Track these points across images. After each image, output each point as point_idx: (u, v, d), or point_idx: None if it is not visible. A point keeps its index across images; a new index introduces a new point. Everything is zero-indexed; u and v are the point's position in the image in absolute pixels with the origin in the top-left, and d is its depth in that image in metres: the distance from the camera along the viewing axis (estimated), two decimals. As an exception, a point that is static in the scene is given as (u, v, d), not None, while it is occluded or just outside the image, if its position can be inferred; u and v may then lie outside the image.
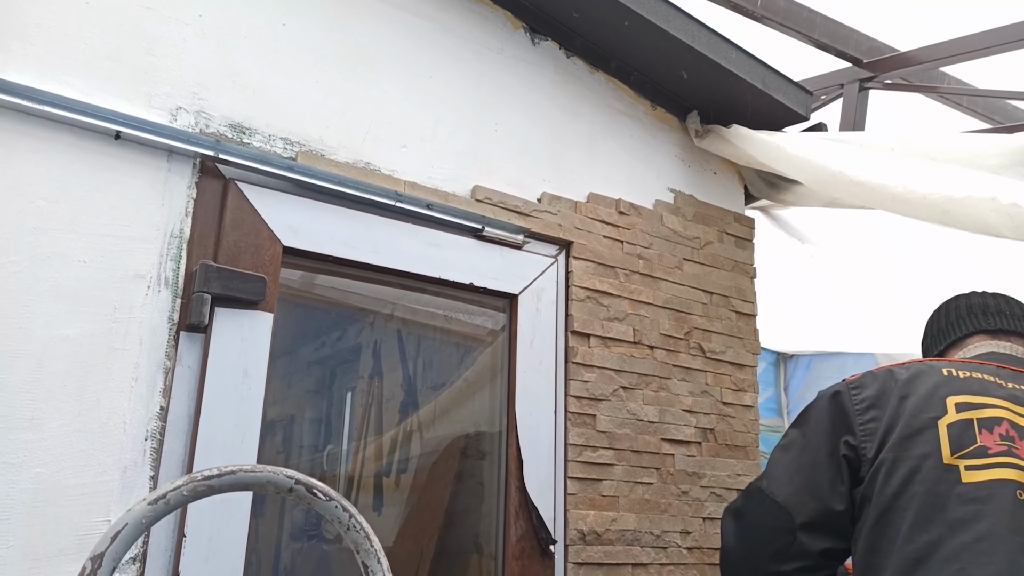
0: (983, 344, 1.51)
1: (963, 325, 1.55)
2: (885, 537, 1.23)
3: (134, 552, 1.37)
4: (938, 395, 1.30)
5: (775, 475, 1.41)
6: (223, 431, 1.48)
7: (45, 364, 1.35)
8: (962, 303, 1.60)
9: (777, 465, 1.43)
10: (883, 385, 1.35)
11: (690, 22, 2.21)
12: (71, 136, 1.45)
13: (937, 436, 1.25)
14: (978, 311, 1.56)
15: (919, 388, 1.32)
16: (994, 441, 1.23)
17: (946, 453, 1.23)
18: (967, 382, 1.32)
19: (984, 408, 1.27)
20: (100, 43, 1.51)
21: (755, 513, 1.42)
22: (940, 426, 1.26)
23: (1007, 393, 1.31)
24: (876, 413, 1.32)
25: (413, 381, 3.13)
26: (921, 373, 1.36)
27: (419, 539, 2.60)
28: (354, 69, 1.85)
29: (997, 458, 1.22)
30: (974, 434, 1.25)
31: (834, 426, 1.36)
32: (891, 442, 1.27)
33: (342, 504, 1.01)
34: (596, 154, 2.26)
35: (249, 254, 1.59)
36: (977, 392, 1.30)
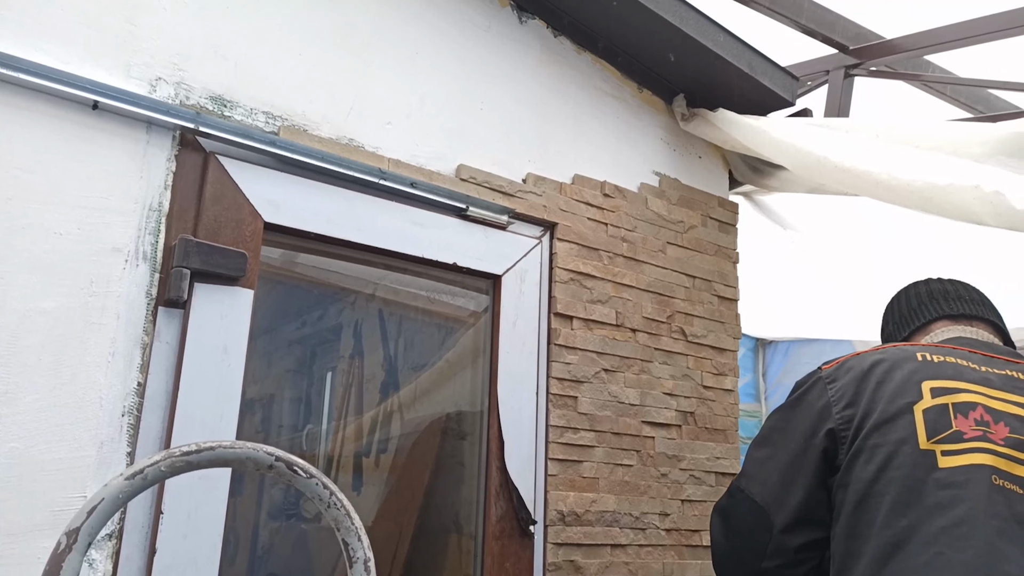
0: (949, 329, 1.52)
1: (925, 311, 1.56)
2: (863, 522, 1.23)
3: (111, 528, 1.36)
4: (913, 380, 1.30)
5: (752, 473, 1.42)
6: (202, 408, 1.46)
7: (20, 337, 1.32)
8: (922, 289, 1.61)
9: (754, 463, 1.42)
10: (859, 373, 1.35)
11: (678, 4, 2.19)
12: (47, 105, 1.41)
13: (913, 421, 1.26)
14: (939, 297, 1.56)
15: (895, 374, 1.32)
16: (969, 426, 1.24)
17: (922, 438, 1.24)
18: (941, 366, 1.33)
19: (959, 393, 1.28)
20: (79, 10, 1.47)
21: (736, 512, 1.42)
22: (916, 411, 1.26)
23: (980, 377, 1.31)
24: (852, 400, 1.32)
25: (394, 361, 3.12)
26: (896, 359, 1.35)
27: (399, 519, 2.60)
28: (339, 43, 1.82)
29: (973, 443, 1.22)
30: (949, 419, 1.25)
31: (811, 419, 1.35)
32: (867, 428, 1.28)
33: (323, 482, 1.00)
34: (582, 135, 2.25)
35: (230, 229, 1.56)
36: (952, 377, 1.31)
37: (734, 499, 1.44)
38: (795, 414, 1.39)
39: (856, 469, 1.27)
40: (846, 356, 1.41)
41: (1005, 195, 1.68)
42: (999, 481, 1.19)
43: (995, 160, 1.88)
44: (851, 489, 1.27)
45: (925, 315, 1.55)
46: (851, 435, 1.29)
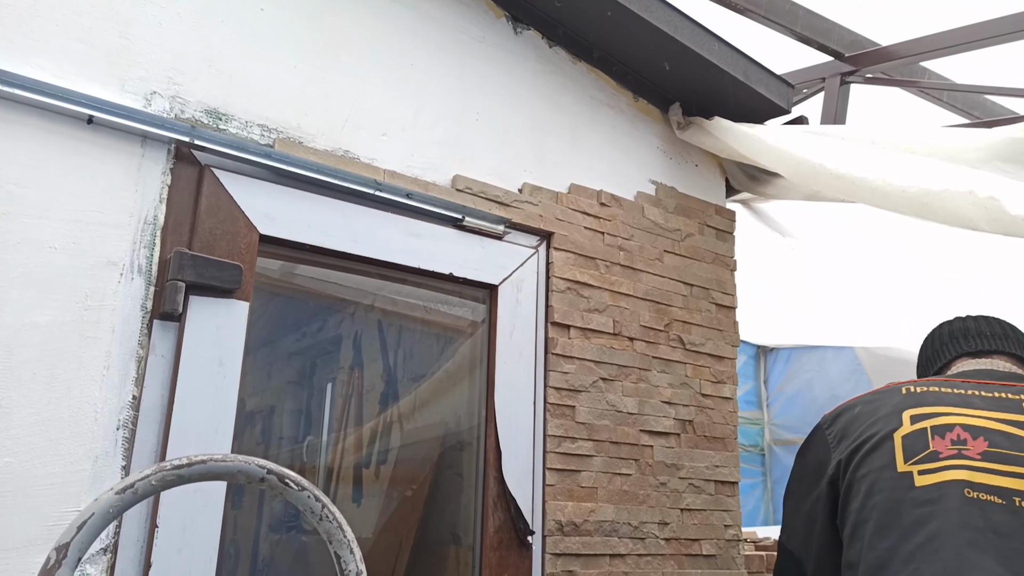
0: (966, 363, 1.58)
1: (947, 351, 1.62)
2: (854, 550, 1.28)
3: (105, 542, 1.35)
4: (895, 411, 1.37)
5: (787, 525, 1.51)
6: (197, 421, 1.46)
7: (15, 352, 1.32)
8: (945, 330, 1.67)
9: (786, 515, 1.52)
10: (851, 415, 1.43)
11: (673, 13, 2.20)
12: (42, 120, 1.42)
13: (893, 448, 1.31)
14: (959, 335, 1.62)
15: (880, 409, 1.39)
16: (945, 445, 1.28)
17: (900, 462, 1.29)
18: (923, 396, 1.39)
19: (937, 416, 1.33)
20: (73, 25, 1.48)
21: (781, 565, 1.52)
22: (895, 438, 1.32)
23: (960, 399, 1.36)
24: (846, 442, 1.39)
25: (393, 372, 3.12)
26: (884, 395, 1.43)
27: (398, 530, 2.59)
28: (334, 56, 1.83)
29: (948, 461, 1.26)
30: (927, 441, 1.30)
31: (816, 467, 1.43)
32: (855, 462, 1.34)
33: (315, 494, 1.00)
34: (578, 145, 2.25)
35: (225, 242, 1.57)
36: (932, 403, 1.36)
37: (780, 553, 1.52)
38: (804, 463, 1.49)
39: (849, 502, 1.33)
40: (845, 401, 1.49)
41: (1000, 200, 1.68)
42: (973, 493, 1.22)
43: (991, 166, 1.88)
44: (847, 522, 1.32)
45: (947, 354, 1.61)
46: (843, 472, 1.36)
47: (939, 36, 3.32)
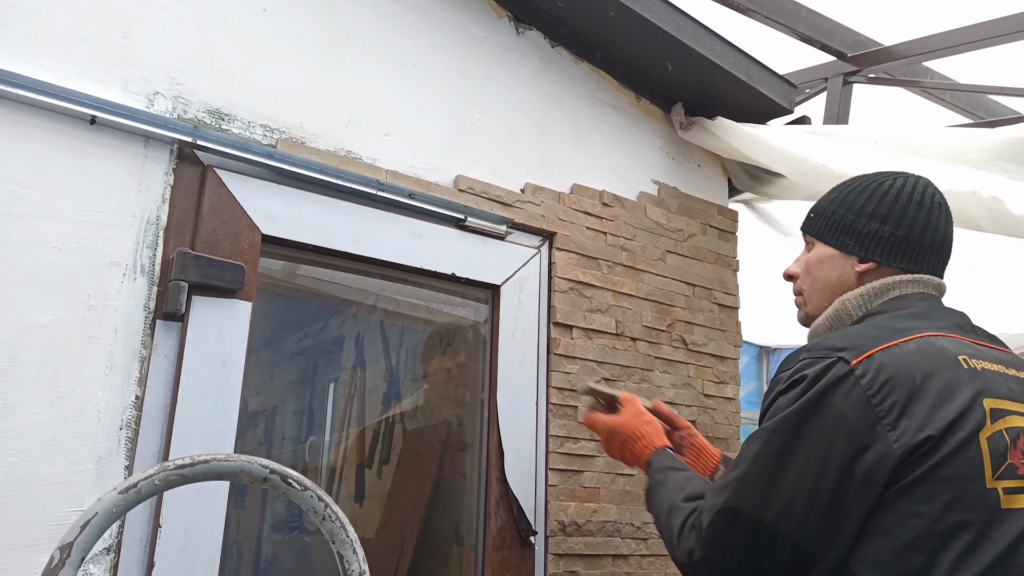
0: (937, 300, 1.33)
1: (930, 258, 1.33)
2: (914, 565, 1.05)
3: (109, 542, 1.35)
4: (975, 398, 1.11)
5: (779, 505, 1.11)
6: (200, 421, 1.46)
7: (18, 352, 1.33)
8: (931, 219, 1.33)
9: (785, 487, 1.11)
10: (911, 379, 1.11)
11: (675, 13, 2.20)
12: (45, 120, 1.42)
13: (980, 453, 1.08)
14: (941, 247, 1.34)
15: (956, 390, 1.12)
16: (1018, 458, 1.10)
17: (988, 475, 1.07)
18: (989, 378, 1.16)
19: (1010, 416, 1.12)
20: (75, 25, 1.48)
21: (755, 549, 1.13)
22: (982, 440, 1.09)
23: (1011, 391, 1.16)
24: (911, 423, 1.08)
25: (395, 372, 3.12)
26: (943, 363, 1.14)
27: (401, 530, 2.59)
28: (336, 55, 1.83)
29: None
30: (1005, 449, 1.10)
31: (851, 435, 1.08)
32: (935, 461, 1.07)
33: (317, 494, 1.00)
34: (580, 145, 2.25)
35: (227, 242, 1.57)
36: (1004, 395, 1.15)
37: (753, 535, 1.12)
38: (825, 423, 1.10)
39: (915, 501, 1.06)
40: (881, 347, 1.14)
41: (1003, 201, 1.68)
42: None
43: (994, 166, 1.88)
44: (907, 523, 1.06)
45: (929, 264, 1.33)
46: (909, 466, 1.07)
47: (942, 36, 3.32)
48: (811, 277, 1.41)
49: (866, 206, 1.34)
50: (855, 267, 1.34)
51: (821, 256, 1.39)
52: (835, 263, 1.37)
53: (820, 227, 1.40)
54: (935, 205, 1.34)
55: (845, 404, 1.09)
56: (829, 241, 1.38)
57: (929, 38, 3.32)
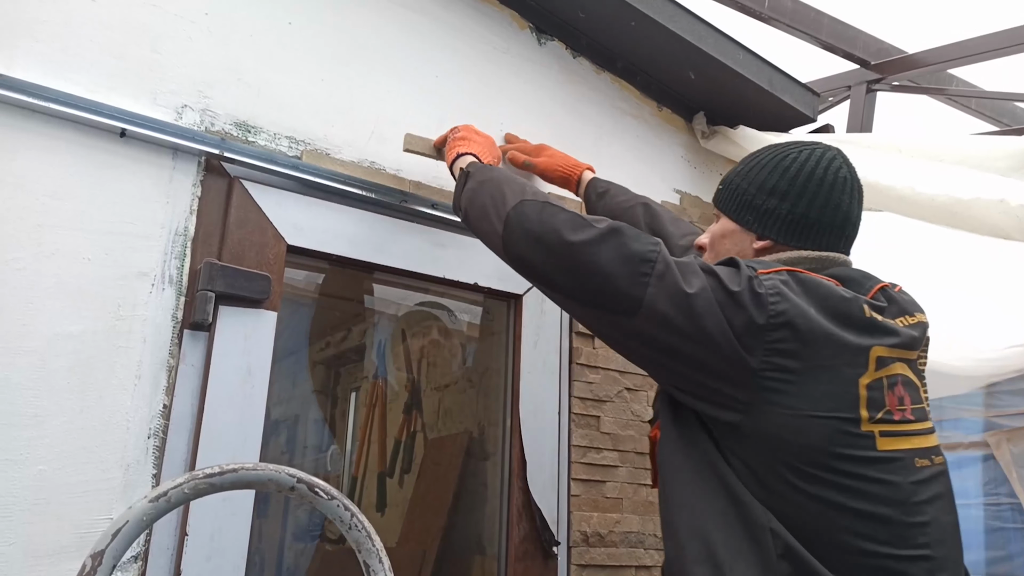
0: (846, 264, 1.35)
1: (835, 232, 1.33)
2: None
3: (136, 550, 1.37)
4: (861, 345, 1.20)
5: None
6: (226, 430, 1.47)
7: (48, 361, 1.35)
8: (844, 195, 1.32)
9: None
10: (807, 315, 1.17)
11: (697, 23, 2.20)
12: (76, 133, 1.44)
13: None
14: (849, 223, 1.34)
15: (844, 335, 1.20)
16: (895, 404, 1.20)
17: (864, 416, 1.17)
18: (886, 328, 1.24)
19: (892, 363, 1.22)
20: (105, 40, 1.51)
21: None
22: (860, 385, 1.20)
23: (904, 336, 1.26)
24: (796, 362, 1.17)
25: (417, 381, 3.13)
26: (846, 302, 1.21)
27: (422, 540, 2.59)
28: (359, 68, 1.85)
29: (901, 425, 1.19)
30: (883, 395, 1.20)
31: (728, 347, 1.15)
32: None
33: (344, 503, 1.00)
34: (601, 155, 2.25)
35: (254, 253, 1.58)
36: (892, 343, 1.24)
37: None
38: (707, 316, 1.19)
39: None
40: (790, 270, 1.24)
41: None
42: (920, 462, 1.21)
43: (1021, 174, 1.85)
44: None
45: (827, 244, 1.34)
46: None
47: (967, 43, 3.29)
48: (714, 251, 1.41)
49: (767, 181, 1.32)
50: (753, 244, 1.33)
51: (724, 230, 1.38)
52: (736, 238, 1.36)
53: (725, 200, 1.39)
54: (839, 181, 1.30)
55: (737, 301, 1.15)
56: (732, 215, 1.37)
57: (954, 45, 3.30)
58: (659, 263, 1.19)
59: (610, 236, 1.23)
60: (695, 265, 1.20)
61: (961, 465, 4.76)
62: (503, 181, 1.45)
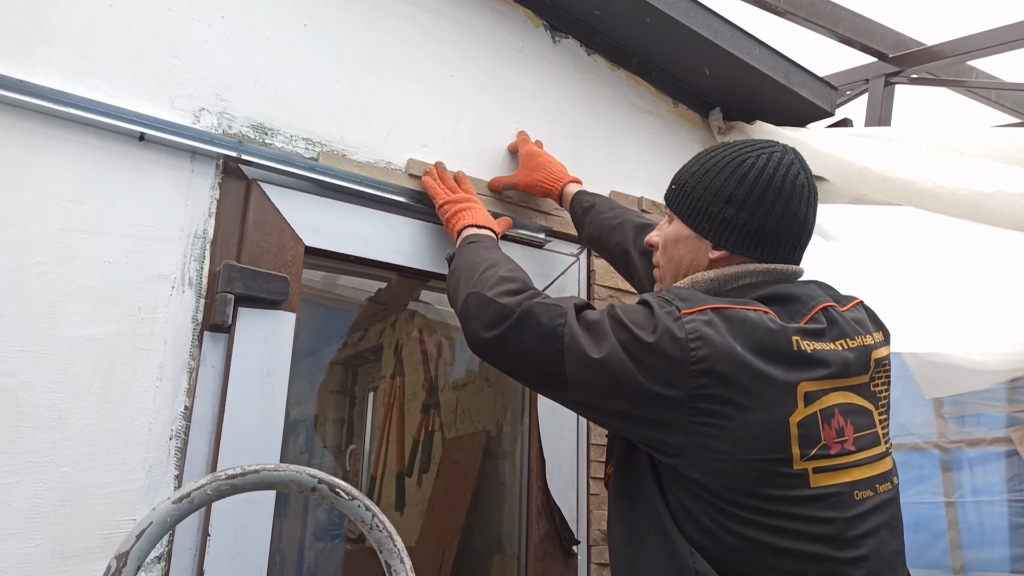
0: (796, 281, 1.35)
1: (787, 243, 1.31)
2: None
3: (159, 551, 1.38)
4: (788, 384, 1.20)
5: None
6: (247, 431, 1.48)
7: (71, 364, 1.36)
8: (798, 204, 1.29)
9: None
10: (732, 354, 1.16)
11: (712, 18, 2.19)
12: (96, 138, 1.46)
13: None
14: (801, 230, 1.32)
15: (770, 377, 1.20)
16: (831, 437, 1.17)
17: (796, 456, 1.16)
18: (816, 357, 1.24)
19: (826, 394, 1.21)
20: (124, 45, 1.52)
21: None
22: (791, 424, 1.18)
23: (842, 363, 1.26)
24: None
25: (435, 381, 3.14)
26: (773, 336, 1.19)
27: (441, 539, 2.60)
28: (375, 69, 1.85)
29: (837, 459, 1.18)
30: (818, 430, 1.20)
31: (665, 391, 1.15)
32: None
33: (365, 503, 1.00)
34: (617, 152, 2.25)
35: (272, 254, 1.59)
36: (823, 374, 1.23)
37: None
38: (655, 364, 1.19)
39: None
40: (709, 305, 1.22)
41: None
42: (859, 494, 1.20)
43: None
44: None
45: (783, 255, 1.33)
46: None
47: (986, 34, 3.25)
48: (667, 255, 1.39)
49: (724, 188, 1.28)
50: (709, 253, 1.31)
51: (678, 235, 1.36)
52: (690, 244, 1.34)
53: (679, 203, 1.36)
54: (796, 188, 1.28)
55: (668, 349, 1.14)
56: (686, 220, 1.34)
57: (973, 37, 3.26)
58: (566, 336, 1.21)
59: (525, 319, 1.26)
60: (605, 323, 1.20)
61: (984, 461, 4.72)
62: (463, 270, 1.47)
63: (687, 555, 1.12)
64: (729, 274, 1.28)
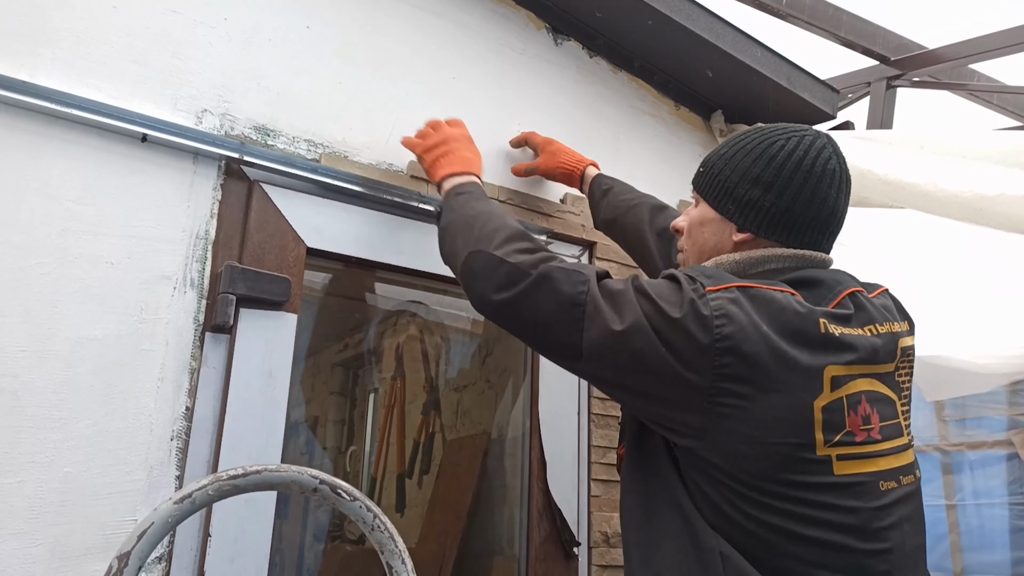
0: (821, 267, 1.30)
1: (817, 228, 1.27)
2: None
3: (160, 551, 1.38)
4: (816, 366, 1.18)
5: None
6: (248, 432, 1.48)
7: (73, 365, 1.36)
8: (830, 189, 1.26)
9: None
10: (757, 337, 1.12)
11: (714, 20, 2.19)
12: (98, 139, 1.46)
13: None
14: (832, 216, 1.27)
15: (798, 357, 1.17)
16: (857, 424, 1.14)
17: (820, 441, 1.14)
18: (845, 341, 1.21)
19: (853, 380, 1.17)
20: (126, 47, 1.52)
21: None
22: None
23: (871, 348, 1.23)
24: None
25: (435, 382, 3.14)
26: (801, 318, 1.17)
27: (442, 541, 2.60)
28: (377, 71, 1.85)
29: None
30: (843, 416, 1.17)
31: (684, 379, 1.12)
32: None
33: (366, 504, 1.01)
34: (619, 154, 2.25)
35: (273, 255, 1.59)
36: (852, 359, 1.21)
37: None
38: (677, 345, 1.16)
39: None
40: (744, 284, 1.19)
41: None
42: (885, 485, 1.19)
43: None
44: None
45: (810, 241, 1.29)
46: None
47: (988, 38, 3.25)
48: (691, 238, 1.35)
49: (751, 169, 1.24)
50: (733, 235, 1.27)
51: (704, 217, 1.32)
52: (715, 227, 1.30)
53: (706, 186, 1.32)
54: (827, 173, 1.23)
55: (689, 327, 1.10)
56: (712, 203, 1.30)
57: (975, 40, 3.26)
58: (588, 304, 1.16)
59: (542, 283, 1.21)
60: (629, 293, 1.15)
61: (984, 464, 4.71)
62: (458, 227, 1.42)
63: (710, 537, 1.09)
64: (755, 257, 1.24)
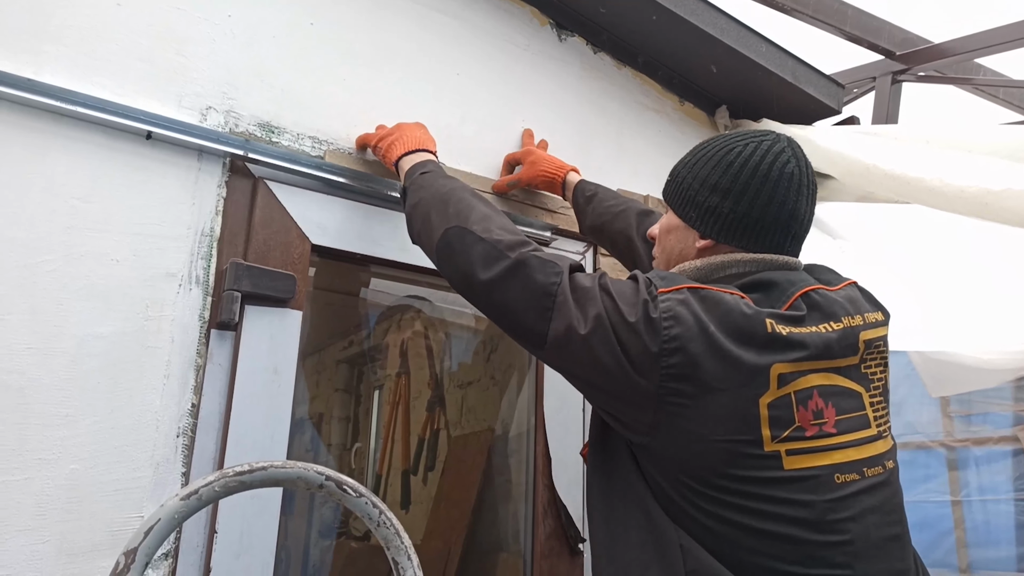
0: (789, 268, 1.33)
1: (777, 232, 1.30)
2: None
3: (166, 548, 1.38)
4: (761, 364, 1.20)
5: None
6: (253, 428, 1.48)
7: (79, 362, 1.36)
8: (788, 193, 1.27)
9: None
10: (704, 332, 1.16)
11: (719, 15, 2.18)
12: (103, 136, 1.46)
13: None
14: (791, 219, 1.29)
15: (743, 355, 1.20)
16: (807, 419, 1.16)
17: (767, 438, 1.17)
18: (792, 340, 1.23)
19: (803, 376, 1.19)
20: (131, 44, 1.52)
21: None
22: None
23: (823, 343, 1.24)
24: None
25: (440, 379, 3.14)
26: (748, 319, 1.19)
27: (447, 537, 2.60)
28: (381, 67, 1.85)
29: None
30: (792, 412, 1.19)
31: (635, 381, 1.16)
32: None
33: (372, 500, 1.01)
34: (623, 150, 2.25)
35: (278, 252, 1.59)
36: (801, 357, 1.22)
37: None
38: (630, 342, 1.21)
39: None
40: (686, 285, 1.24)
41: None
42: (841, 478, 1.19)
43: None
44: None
45: (771, 244, 1.32)
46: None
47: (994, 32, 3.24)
48: (661, 245, 1.40)
49: (710, 177, 1.27)
50: (696, 242, 1.31)
51: (670, 225, 1.36)
52: (679, 234, 1.34)
53: (671, 194, 1.36)
54: (784, 176, 1.25)
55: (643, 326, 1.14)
56: (676, 210, 1.34)
57: (981, 34, 3.24)
58: (559, 295, 1.20)
59: (518, 269, 1.24)
60: (595, 290, 1.19)
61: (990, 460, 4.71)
62: (431, 204, 1.43)
63: (671, 530, 1.12)
64: (715, 263, 1.28)
